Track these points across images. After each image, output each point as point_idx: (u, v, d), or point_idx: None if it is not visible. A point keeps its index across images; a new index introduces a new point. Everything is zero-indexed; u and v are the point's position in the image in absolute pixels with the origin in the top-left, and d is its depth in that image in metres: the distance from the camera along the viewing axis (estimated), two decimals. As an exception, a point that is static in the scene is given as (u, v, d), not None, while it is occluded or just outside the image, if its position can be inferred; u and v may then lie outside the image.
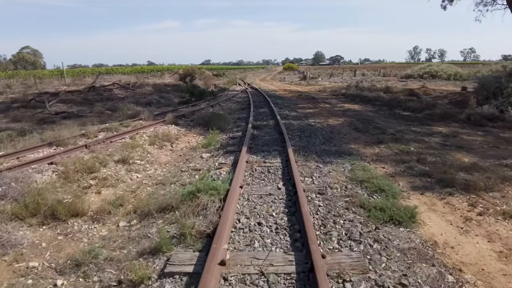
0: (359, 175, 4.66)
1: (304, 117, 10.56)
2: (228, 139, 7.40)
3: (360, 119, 9.99)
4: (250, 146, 6.26)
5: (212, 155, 6.10)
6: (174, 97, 16.53)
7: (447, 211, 3.78)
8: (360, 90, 19.83)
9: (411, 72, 40.94)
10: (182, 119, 9.55)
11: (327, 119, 10.08)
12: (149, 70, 68.00)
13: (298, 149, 6.03)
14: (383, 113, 11.54)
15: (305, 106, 13.61)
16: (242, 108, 12.69)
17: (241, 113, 11.39)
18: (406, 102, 14.05)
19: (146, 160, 5.87)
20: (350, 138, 7.39)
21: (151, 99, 14.85)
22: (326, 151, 6.11)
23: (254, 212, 3.53)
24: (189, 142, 7.33)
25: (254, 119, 9.63)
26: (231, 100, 15.53)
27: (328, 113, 11.49)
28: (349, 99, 16.27)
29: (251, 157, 5.63)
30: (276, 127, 8.39)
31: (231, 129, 8.60)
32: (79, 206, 3.85)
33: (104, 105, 12.67)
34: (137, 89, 17.29)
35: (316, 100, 15.82)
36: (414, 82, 33.02)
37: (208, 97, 15.97)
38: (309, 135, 7.46)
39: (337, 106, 13.61)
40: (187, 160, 5.96)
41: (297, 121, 9.58)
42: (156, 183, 4.91)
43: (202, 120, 9.23)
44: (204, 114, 10.29)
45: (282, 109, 12.03)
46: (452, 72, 37.82)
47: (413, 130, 8.30)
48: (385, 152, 6.23)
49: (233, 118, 10.34)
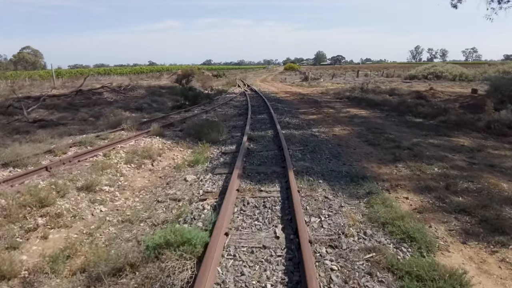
0: (380, 213, 3.64)
1: (307, 125, 9.54)
2: (219, 154, 6.39)
3: (370, 128, 8.96)
4: (243, 166, 5.25)
5: (198, 177, 5.09)
6: (168, 100, 15.54)
7: (507, 274, 2.77)
8: (365, 92, 18.78)
9: (415, 72, 39.89)
10: (170, 129, 8.54)
11: (333, 128, 9.06)
12: (149, 71, 67.16)
13: (301, 171, 5.02)
14: (393, 120, 10.51)
15: (307, 112, 12.59)
16: (239, 114, 11.68)
17: (238, 120, 10.38)
18: (416, 106, 13.02)
19: (117, 186, 4.87)
20: (361, 154, 6.36)
21: (142, 103, 13.86)
22: (335, 173, 5.09)
23: (240, 282, 2.52)
24: (174, 158, 6.32)
25: (251, 128, 8.62)
26: (228, 105, 14.52)
27: (333, 120, 10.47)
28: (355, 103, 15.24)
29: (243, 183, 4.62)
30: (275, 139, 7.39)
31: (224, 140, 7.60)
32: (7, 264, 2.85)
33: (89, 110, 11.69)
34: (129, 92, 16.31)
35: (319, 104, 14.80)
36: (419, 83, 32.01)
37: (203, 101, 14.97)
38: (313, 150, 6.44)
39: (342, 111, 12.58)
40: (167, 185, 4.95)
41: (299, 130, 8.56)
42: (123, 220, 3.90)
43: (192, 129, 8.23)
44: (196, 122, 9.28)
45: (282, 116, 11.02)
46: (457, 73, 36.78)
47: (431, 142, 7.27)
48: (405, 174, 5.21)
49: (228, 126, 9.33)
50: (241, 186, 4.50)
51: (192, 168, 5.66)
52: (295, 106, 14.46)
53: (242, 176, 4.85)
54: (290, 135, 7.74)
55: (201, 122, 9.15)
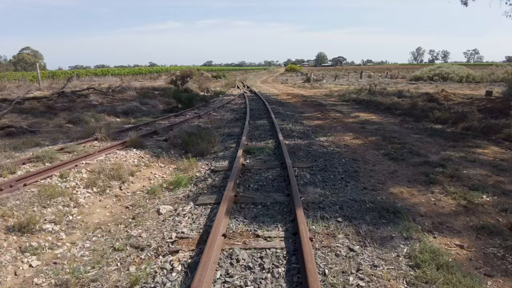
0: (429, 275, 2.42)
1: (313, 132, 8.31)
2: (207, 173, 5.15)
3: (386, 136, 7.72)
4: (235, 194, 4.02)
5: (175, 208, 3.86)
6: (160, 103, 14.33)
7: None
8: (373, 94, 17.55)
9: (420, 74, 38.81)
10: (153, 138, 7.30)
11: (343, 137, 7.82)
12: (148, 72, 66.15)
13: (312, 202, 3.78)
14: (410, 126, 9.28)
15: (312, 116, 11.36)
16: (236, 119, 10.45)
17: (234, 127, 9.15)
18: (432, 111, 11.81)
19: (66, 222, 3.64)
20: (383, 173, 5.13)
21: (130, 106, 12.65)
22: (356, 203, 3.85)
23: None
24: (150, 178, 5.08)
25: (248, 137, 7.40)
26: (224, 108, 13.29)
27: (342, 126, 9.23)
28: (363, 106, 14.01)
29: (234, 221, 3.39)
30: (276, 151, 6.16)
31: (216, 153, 6.37)
32: None
33: (68, 115, 10.47)
34: (118, 94, 15.10)
35: (324, 108, 13.56)
36: (425, 84, 30.90)
37: (198, 104, 13.74)
38: (324, 167, 5.20)
39: (350, 116, 11.35)
40: (133, 220, 3.72)
41: (304, 140, 7.32)
42: (57, 283, 2.67)
43: (179, 139, 7.01)
44: (186, 129, 8.05)
45: (284, 121, 9.79)
46: (463, 74, 35.68)
47: (464, 156, 6.02)
48: (446, 204, 3.97)
49: (222, 134, 8.10)
50: (230, 227, 3.26)
51: (171, 193, 4.43)
52: (298, 109, 13.23)
53: (232, 210, 3.62)
54: (294, 147, 6.50)
55: (191, 129, 7.92)
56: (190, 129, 8.11)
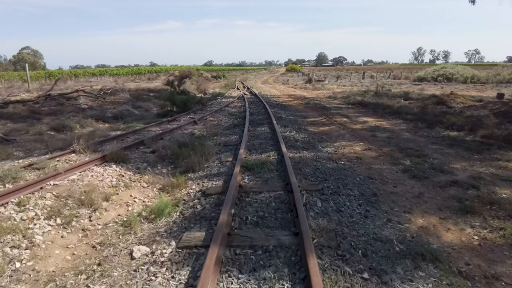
0: None
1: (319, 141, 7.49)
2: (197, 196, 4.33)
3: (401, 146, 6.91)
4: (229, 233, 3.20)
5: (152, 252, 3.04)
6: (154, 106, 13.51)
7: None
8: (379, 97, 16.72)
9: (424, 74, 38.01)
10: (139, 150, 6.47)
11: (353, 147, 7.00)
12: (147, 71, 65.53)
13: (328, 247, 2.96)
14: (425, 134, 8.45)
15: (316, 121, 10.54)
16: (234, 125, 9.63)
17: (231, 134, 8.33)
18: (444, 115, 11.02)
19: (10, 272, 2.83)
20: (407, 196, 4.31)
21: (121, 110, 11.84)
22: (382, 245, 3.03)
23: None
24: (129, 204, 4.26)
25: (247, 148, 6.58)
26: (222, 112, 12.46)
27: (351, 134, 8.41)
28: (370, 110, 13.17)
29: (224, 282, 2.57)
30: (279, 167, 5.34)
31: (210, 168, 5.54)
32: None
33: (53, 120, 9.66)
34: (110, 96, 14.28)
35: (328, 112, 12.73)
36: (430, 85, 30.09)
37: (195, 107, 12.92)
38: (336, 190, 4.38)
39: (358, 121, 10.53)
40: (99, 267, 2.90)
41: (310, 151, 6.50)
42: None
43: (168, 150, 6.19)
44: (178, 138, 7.23)
45: (287, 127, 8.97)
46: (468, 75, 34.87)
47: (496, 174, 5.20)
48: (495, 246, 3.15)
49: (217, 144, 7.28)
50: None
51: (151, 226, 3.61)
52: (301, 113, 12.41)
53: (224, 259, 2.80)
54: (299, 161, 5.68)
55: (184, 138, 7.11)
56: (183, 138, 7.30)
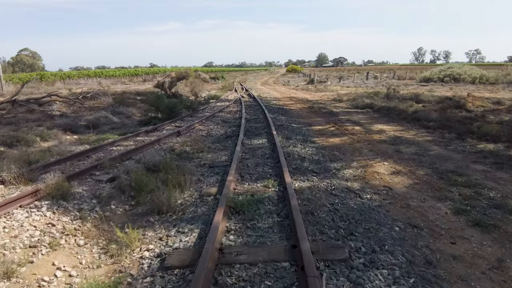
0: None
1: (332, 160, 5.90)
2: (151, 270, 2.75)
3: (438, 169, 5.31)
4: None
5: None
6: (138, 112, 11.93)
7: None
8: (390, 99, 15.13)
9: (430, 75, 36.50)
10: (93, 177, 4.86)
11: (376, 168, 5.41)
12: (144, 73, 64.28)
13: None
14: (458, 148, 6.86)
15: (324, 131, 8.95)
16: (226, 137, 8.03)
17: (221, 150, 6.73)
18: (471, 122, 9.47)
19: None
20: (481, 267, 2.73)
21: (98, 117, 10.27)
22: None
23: None
24: (44, 284, 2.68)
25: (238, 173, 5.00)
26: (214, 119, 10.87)
27: (369, 148, 6.81)
28: (383, 115, 11.58)
29: None
30: (281, 209, 3.76)
31: (182, 208, 3.95)
32: None
33: (11, 130, 8.09)
34: (90, 101, 12.72)
35: (336, 118, 11.14)
36: (437, 86, 28.60)
37: (184, 113, 11.35)
38: (371, 259, 2.78)
39: (373, 129, 8.94)
40: None
41: (323, 178, 4.89)
42: None
43: (130, 179, 4.59)
44: (150, 157, 5.64)
45: (290, 140, 7.37)
46: (476, 75, 33.33)
47: None
48: None
49: (201, 165, 5.68)
50: None
51: None
52: (304, 120, 10.83)
53: None
54: (310, 198, 4.07)
55: (159, 157, 5.52)
56: (158, 156, 5.71)
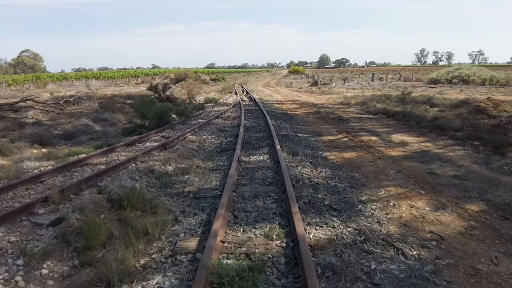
0: None
1: (353, 187, 4.59)
2: None
3: (493, 202, 4.01)
4: None
5: None
6: (125, 118, 10.69)
7: None
8: (406, 103, 13.79)
9: (437, 76, 35.13)
10: (31, 219, 3.59)
11: (413, 201, 4.11)
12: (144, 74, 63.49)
13: None
14: (504, 167, 5.55)
15: (336, 142, 7.64)
16: (220, 151, 6.74)
17: (211, 171, 5.41)
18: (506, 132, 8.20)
19: None
20: None
21: (78, 125, 9.03)
22: None
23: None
24: None
25: (230, 211, 3.72)
26: (209, 127, 9.59)
27: (394, 167, 5.50)
28: (400, 123, 10.26)
29: None
30: (291, 278, 2.47)
31: (143, 277, 2.67)
32: None
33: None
34: (73, 106, 11.49)
35: (347, 125, 9.83)
36: (446, 88, 27.29)
37: (175, 120, 10.09)
38: None
39: (392, 140, 7.63)
40: None
41: (346, 220, 3.59)
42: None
43: (82, 220, 3.32)
44: (120, 183, 4.36)
45: (296, 156, 6.05)
46: (486, 77, 31.95)
47: None
48: None
49: (183, 195, 4.39)
50: None
51: None
52: (311, 128, 9.53)
53: None
54: (334, 261, 2.76)
55: (128, 184, 4.24)
56: (129, 181, 4.45)
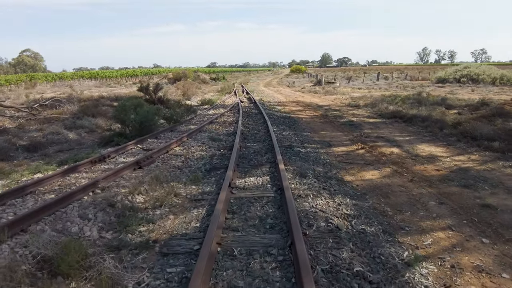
0: None
1: (386, 232, 3.27)
2: None
3: None
4: None
5: None
6: (106, 124, 9.40)
7: None
8: (421, 105, 12.42)
9: (445, 75, 33.65)
10: None
11: (471, 256, 2.81)
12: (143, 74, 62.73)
13: None
14: None
15: (350, 155, 6.31)
16: (209, 171, 5.39)
17: (192, 203, 4.12)
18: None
19: None
20: None
21: (50, 133, 7.75)
22: None
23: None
24: None
25: (211, 278, 2.42)
26: (200, 135, 8.27)
27: (436, 198, 4.17)
28: (420, 129, 8.90)
29: None
30: None
31: None
32: None
33: None
34: (50, 109, 10.23)
35: (360, 132, 8.48)
36: (456, 87, 25.88)
37: (161, 127, 8.78)
38: None
39: (418, 153, 6.29)
40: None
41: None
42: None
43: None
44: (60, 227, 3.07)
45: (305, 178, 4.73)
46: (496, 75, 30.47)
47: None
48: None
49: (147, 245, 3.09)
50: None
51: None
52: (319, 136, 8.20)
53: None
54: None
55: (73, 230, 2.96)
56: (74, 225, 3.16)
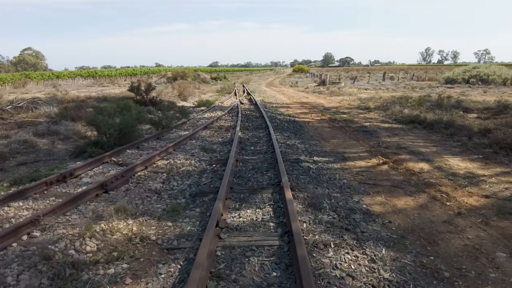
0: None
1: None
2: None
3: None
4: None
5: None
6: (86, 130, 8.26)
7: None
8: (441, 109, 11.20)
9: (453, 75, 32.41)
10: None
11: None
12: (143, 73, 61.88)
13: None
14: None
15: (372, 173, 5.13)
16: (194, 196, 4.23)
17: (165, 250, 2.98)
18: None
19: None
20: None
21: (16, 141, 6.64)
22: None
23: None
24: None
25: None
26: (191, 144, 7.09)
27: (496, 242, 3.02)
28: (445, 137, 7.70)
29: None
30: None
31: None
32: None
33: None
34: (26, 112, 9.13)
35: (377, 140, 7.30)
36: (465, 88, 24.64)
37: (147, 134, 7.64)
38: None
39: (455, 172, 5.10)
40: None
41: None
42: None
43: None
44: None
45: (318, 212, 3.58)
46: (508, 76, 29.24)
47: None
48: None
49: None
50: None
51: None
52: (331, 146, 7.02)
53: None
54: None
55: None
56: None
